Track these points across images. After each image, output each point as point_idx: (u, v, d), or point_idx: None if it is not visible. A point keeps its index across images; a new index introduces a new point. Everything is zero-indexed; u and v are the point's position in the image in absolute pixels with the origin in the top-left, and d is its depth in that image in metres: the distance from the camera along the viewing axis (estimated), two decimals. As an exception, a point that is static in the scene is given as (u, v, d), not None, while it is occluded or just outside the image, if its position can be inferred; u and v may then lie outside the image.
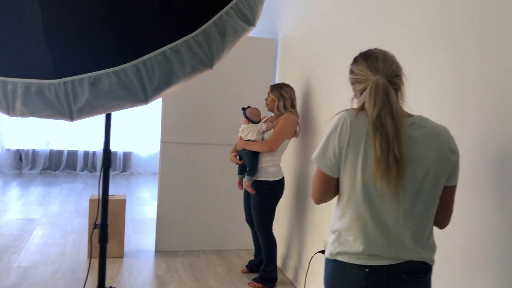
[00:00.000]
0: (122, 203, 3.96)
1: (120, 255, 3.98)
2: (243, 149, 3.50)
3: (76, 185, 6.62)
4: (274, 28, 4.47)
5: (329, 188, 1.57)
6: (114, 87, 1.57)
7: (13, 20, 1.58)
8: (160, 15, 1.58)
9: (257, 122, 3.55)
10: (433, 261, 1.57)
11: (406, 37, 2.32)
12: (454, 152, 1.52)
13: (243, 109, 3.59)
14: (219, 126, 4.21)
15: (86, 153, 7.50)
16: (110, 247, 3.92)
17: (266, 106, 3.57)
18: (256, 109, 3.61)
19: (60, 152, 7.42)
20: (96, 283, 3.38)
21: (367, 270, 1.50)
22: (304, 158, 3.64)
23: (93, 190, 6.37)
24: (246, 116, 3.56)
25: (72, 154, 7.47)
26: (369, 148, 1.47)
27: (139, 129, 7.68)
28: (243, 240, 4.34)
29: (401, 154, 1.43)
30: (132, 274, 3.68)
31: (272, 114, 3.70)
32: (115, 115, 7.68)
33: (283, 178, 3.51)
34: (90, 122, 7.42)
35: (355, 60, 1.59)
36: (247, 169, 3.47)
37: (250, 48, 4.19)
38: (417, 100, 2.17)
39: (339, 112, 1.55)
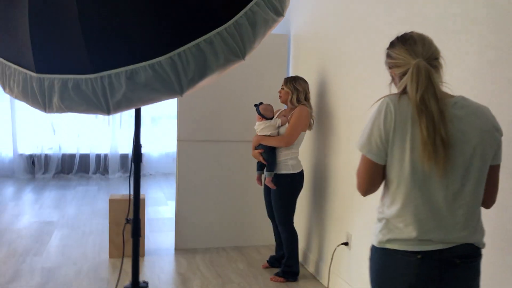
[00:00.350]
0: (141, 202, 3.99)
1: (141, 254, 4.00)
2: (260, 144, 3.51)
3: (90, 188, 6.65)
4: (286, 24, 4.49)
5: (377, 176, 1.55)
6: (150, 79, 1.58)
7: (50, 17, 1.59)
8: (194, 7, 1.60)
9: (271, 118, 3.55)
10: (483, 244, 1.56)
11: (424, 30, 2.33)
12: (498, 130, 1.52)
13: (256, 105, 3.58)
14: (235, 122, 4.22)
15: (98, 156, 7.53)
16: (131, 245, 3.94)
17: (280, 98, 3.57)
18: (268, 105, 3.60)
19: (72, 156, 7.45)
20: (122, 282, 3.41)
21: (419, 256, 1.48)
22: (320, 150, 3.65)
23: (107, 192, 6.39)
24: (259, 113, 3.54)
25: (84, 158, 7.50)
26: (415, 131, 1.46)
27: (148, 130, 7.70)
28: (262, 236, 4.35)
29: (447, 135, 1.43)
30: (155, 271, 3.70)
31: (286, 107, 3.71)
32: (124, 118, 7.73)
33: (302, 170, 3.52)
34: (101, 125, 7.46)
35: (392, 44, 1.59)
36: (266, 165, 3.48)
37: (262, 44, 4.14)
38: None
39: (379, 99, 1.54)
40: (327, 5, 3.58)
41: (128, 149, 7.63)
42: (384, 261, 1.55)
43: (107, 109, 1.62)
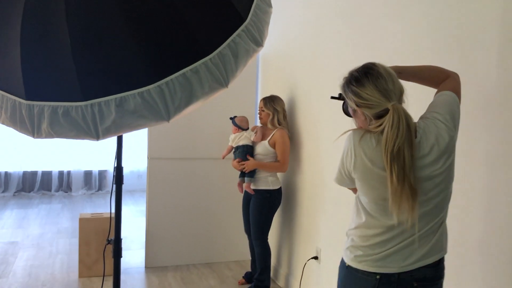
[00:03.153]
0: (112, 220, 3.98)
1: (111, 273, 3.98)
2: (239, 150, 3.63)
3: (53, 206, 6.52)
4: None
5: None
6: (139, 107, 1.66)
7: (42, 45, 1.65)
8: (182, 40, 1.69)
9: (247, 129, 3.74)
10: (445, 250, 1.59)
11: (394, 52, 2.51)
12: (450, 129, 1.50)
13: (231, 118, 3.75)
14: (205, 140, 4.30)
15: (60, 173, 7.40)
16: (101, 266, 3.92)
17: (260, 119, 3.70)
18: (244, 117, 3.80)
19: (34, 173, 7.29)
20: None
21: (378, 277, 1.54)
22: (291, 167, 3.78)
23: (71, 210, 6.29)
24: (235, 124, 3.72)
25: (47, 175, 7.35)
26: (382, 175, 1.48)
27: (111, 147, 7.64)
28: (233, 252, 4.42)
29: (415, 181, 1.45)
30: (127, 291, 3.70)
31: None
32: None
33: (280, 187, 3.64)
34: (63, 142, 7.34)
35: (360, 83, 1.51)
36: (246, 172, 3.59)
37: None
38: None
39: (345, 132, 1.58)
40: (295, 25, 3.75)
41: (91, 166, 7.52)
42: (346, 279, 1.62)
43: (96, 135, 1.68)
